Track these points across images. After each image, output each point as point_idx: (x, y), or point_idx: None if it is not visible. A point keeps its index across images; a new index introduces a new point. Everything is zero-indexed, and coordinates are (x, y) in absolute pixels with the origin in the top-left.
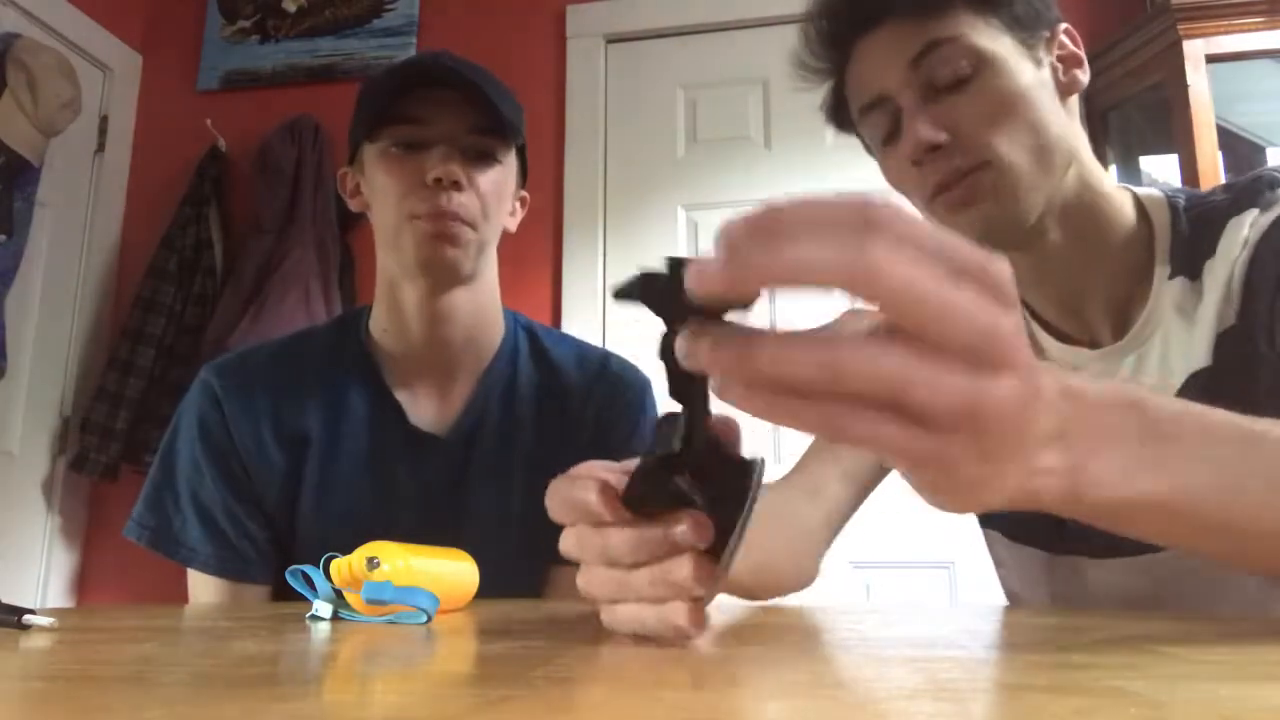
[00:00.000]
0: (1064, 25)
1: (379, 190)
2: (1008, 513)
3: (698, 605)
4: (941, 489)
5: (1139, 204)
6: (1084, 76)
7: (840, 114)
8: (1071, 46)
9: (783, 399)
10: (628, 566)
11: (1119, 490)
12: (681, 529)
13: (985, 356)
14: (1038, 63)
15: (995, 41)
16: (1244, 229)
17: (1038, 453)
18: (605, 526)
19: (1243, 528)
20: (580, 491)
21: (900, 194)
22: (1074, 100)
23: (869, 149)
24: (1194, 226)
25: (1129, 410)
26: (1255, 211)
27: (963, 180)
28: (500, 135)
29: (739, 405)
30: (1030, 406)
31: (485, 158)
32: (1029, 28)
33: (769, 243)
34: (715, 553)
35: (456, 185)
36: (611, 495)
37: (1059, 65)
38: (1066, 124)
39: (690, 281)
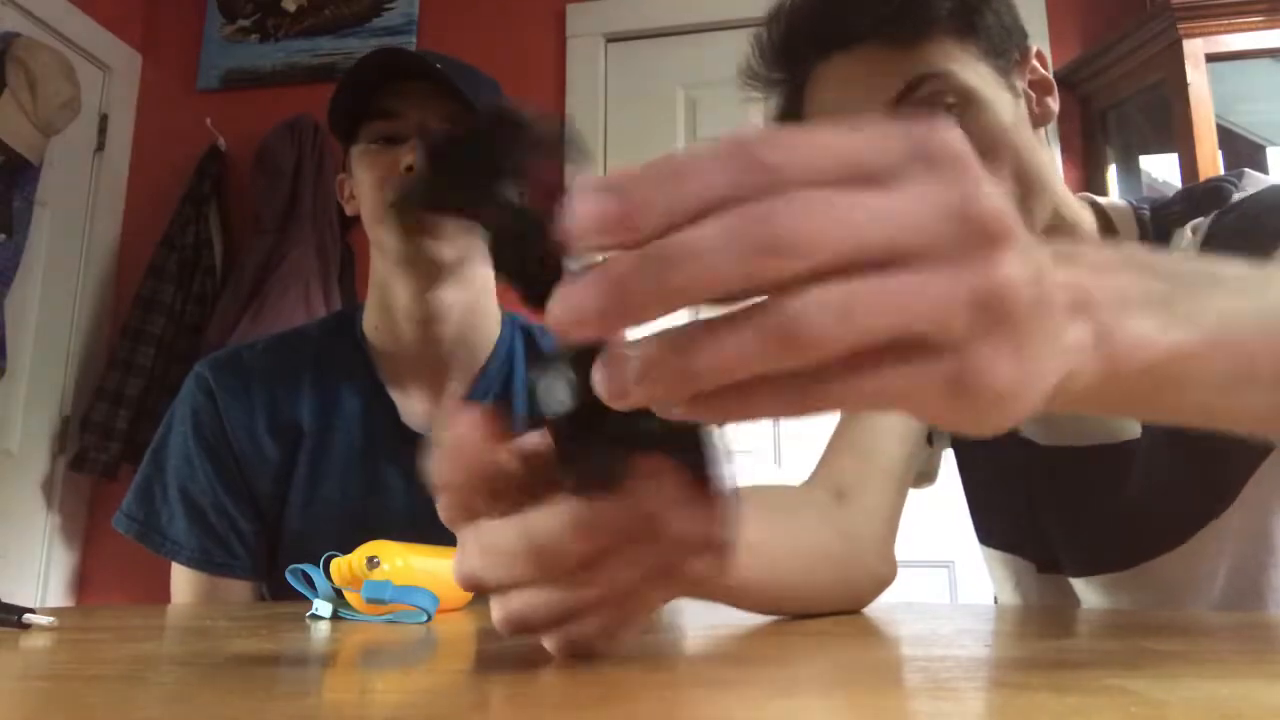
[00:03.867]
0: (1035, 48)
1: (360, 186)
2: (1005, 526)
3: (721, 551)
4: (975, 410)
5: (1106, 219)
6: (1054, 105)
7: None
8: (1042, 70)
9: (764, 391)
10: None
11: (1155, 347)
12: (657, 479)
13: (971, 238)
14: (1014, 92)
15: (977, 74)
16: (1187, 234)
17: (1063, 328)
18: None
19: None
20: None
21: None
22: (1042, 131)
23: None
24: (1156, 239)
25: (1137, 269)
26: (1201, 219)
27: None
28: None
29: (704, 416)
30: (1044, 276)
31: None
32: (1002, 52)
33: (654, 264)
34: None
35: None
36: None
37: (1032, 94)
38: (1043, 159)
39: (562, 327)
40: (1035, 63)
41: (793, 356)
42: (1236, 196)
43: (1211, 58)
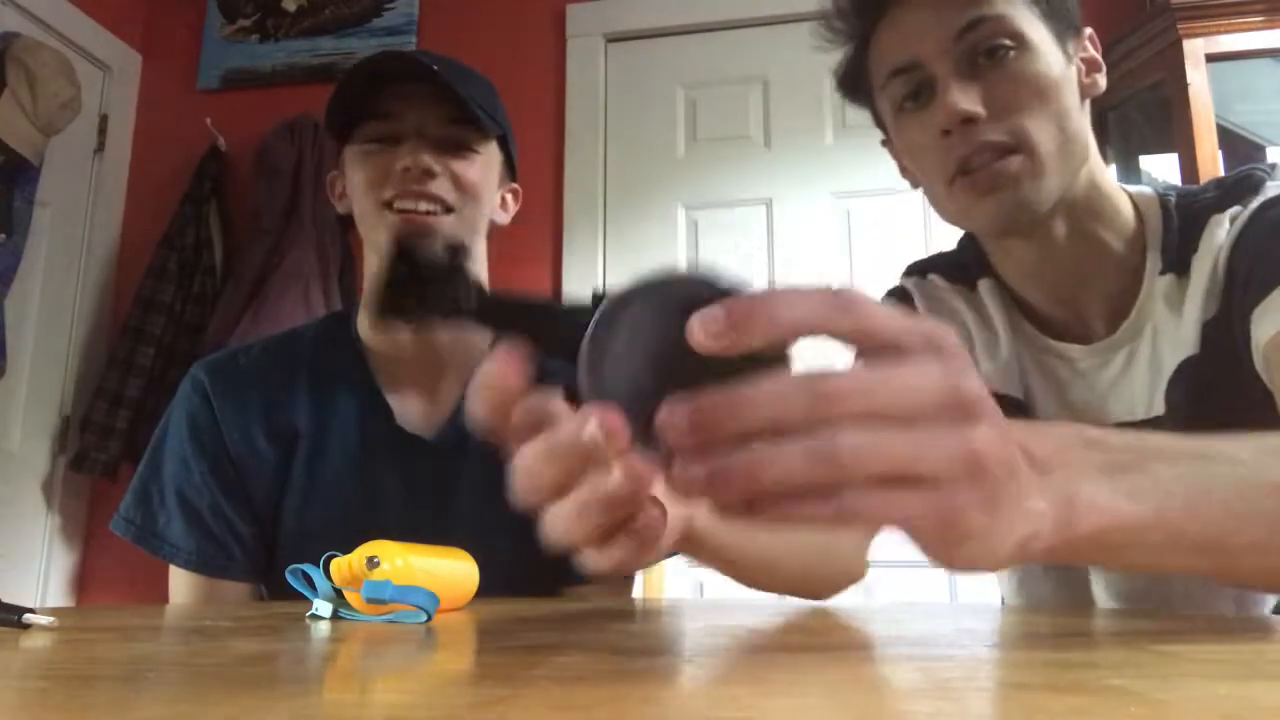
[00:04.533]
0: (1088, 30)
1: (355, 186)
2: None
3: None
4: (954, 544)
5: (1133, 202)
6: (1102, 81)
7: (854, 83)
8: (1093, 51)
9: (790, 503)
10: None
11: (1107, 515)
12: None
13: (959, 410)
14: (1067, 57)
15: (1035, 28)
16: (1225, 224)
17: (1028, 493)
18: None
19: (1224, 542)
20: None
21: (913, 169)
22: (1087, 103)
23: (879, 124)
24: (1183, 224)
25: (1088, 446)
26: (1238, 208)
27: (990, 162)
28: (473, 125)
29: (740, 518)
30: (1011, 447)
31: (460, 148)
32: (1061, 16)
33: (765, 309)
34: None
35: (427, 173)
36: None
37: (1082, 66)
38: (1086, 126)
39: (699, 334)
40: (1088, 43)
41: (833, 473)
42: (1270, 185)
43: (1211, 58)
